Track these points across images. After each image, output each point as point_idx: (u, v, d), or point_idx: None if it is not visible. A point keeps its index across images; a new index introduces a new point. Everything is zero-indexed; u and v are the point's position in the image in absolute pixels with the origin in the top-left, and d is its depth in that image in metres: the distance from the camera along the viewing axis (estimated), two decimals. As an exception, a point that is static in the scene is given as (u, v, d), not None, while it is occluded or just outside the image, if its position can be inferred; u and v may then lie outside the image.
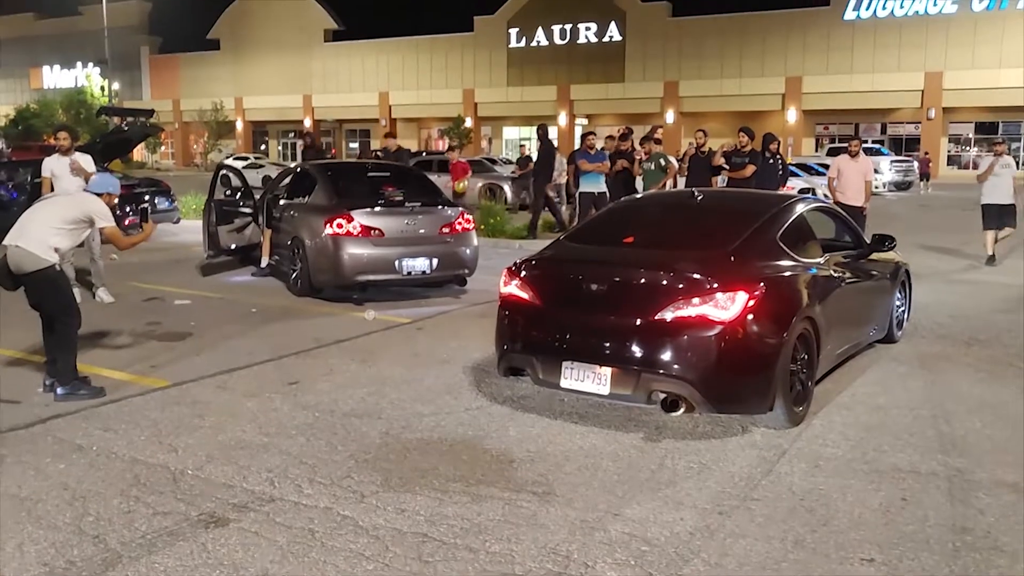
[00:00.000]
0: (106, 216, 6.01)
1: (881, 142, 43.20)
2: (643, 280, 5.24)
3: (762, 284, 5.16)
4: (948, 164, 44.38)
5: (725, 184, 12.50)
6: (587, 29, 50.15)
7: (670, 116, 47.16)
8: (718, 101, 46.76)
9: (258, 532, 3.94)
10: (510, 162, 37.16)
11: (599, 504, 4.28)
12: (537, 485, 4.52)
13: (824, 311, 5.75)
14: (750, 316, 5.03)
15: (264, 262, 10.75)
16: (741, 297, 5.00)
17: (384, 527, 4.00)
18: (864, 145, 34.36)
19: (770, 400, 5.18)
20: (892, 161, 34.30)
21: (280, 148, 61.92)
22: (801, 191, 17.23)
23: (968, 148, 44.41)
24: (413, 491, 4.42)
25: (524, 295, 5.59)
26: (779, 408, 5.25)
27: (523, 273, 5.66)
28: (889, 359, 7.15)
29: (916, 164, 35.54)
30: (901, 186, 33.45)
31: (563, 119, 50.45)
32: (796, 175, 22.97)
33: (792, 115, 45.71)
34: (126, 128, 14.28)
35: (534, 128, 33.76)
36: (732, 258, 5.35)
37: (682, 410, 5.08)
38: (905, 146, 44.16)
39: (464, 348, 7.35)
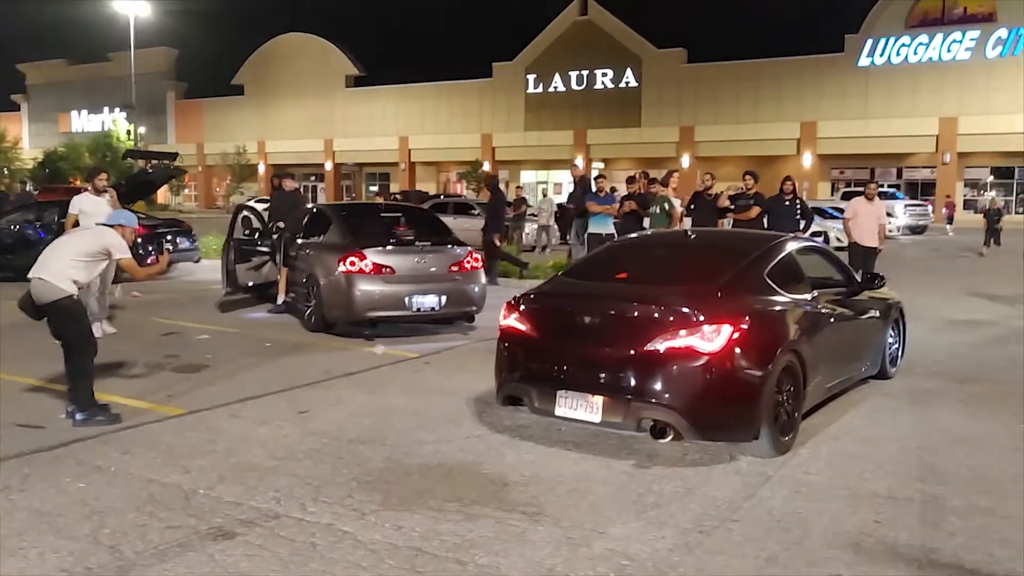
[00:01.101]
0: (122, 248, 6.39)
1: (897, 186, 43.37)
2: (633, 313, 5.51)
3: (747, 317, 5.41)
4: (964, 208, 44.48)
5: (731, 226, 12.74)
6: (604, 75, 50.96)
7: (686, 160, 47.62)
8: (734, 146, 47.21)
9: (263, 545, 4.20)
10: (529, 204, 37.67)
11: (586, 523, 4.52)
12: (528, 506, 4.76)
13: (811, 345, 5.99)
14: (735, 348, 5.28)
15: (280, 299, 11.10)
16: (726, 329, 5.26)
17: (381, 542, 4.25)
18: (879, 189, 34.69)
19: (755, 429, 5.41)
20: (906, 205, 34.48)
21: (302, 191, 62.85)
22: (813, 234, 17.43)
23: (984, 192, 44.48)
24: (410, 510, 4.67)
25: (522, 327, 5.88)
26: (765, 437, 5.47)
27: (521, 307, 5.95)
28: (881, 394, 7.35)
29: (930, 209, 35.80)
30: (915, 230, 33.61)
31: (580, 163, 50.99)
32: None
33: (807, 159, 46.06)
34: (150, 171, 14.82)
35: (550, 172, 34.07)
36: (719, 293, 5.61)
37: (670, 437, 5.32)
38: (921, 190, 44.37)
39: (469, 381, 7.61)
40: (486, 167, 52.03)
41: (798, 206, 12.23)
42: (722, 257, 6.22)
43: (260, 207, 23.83)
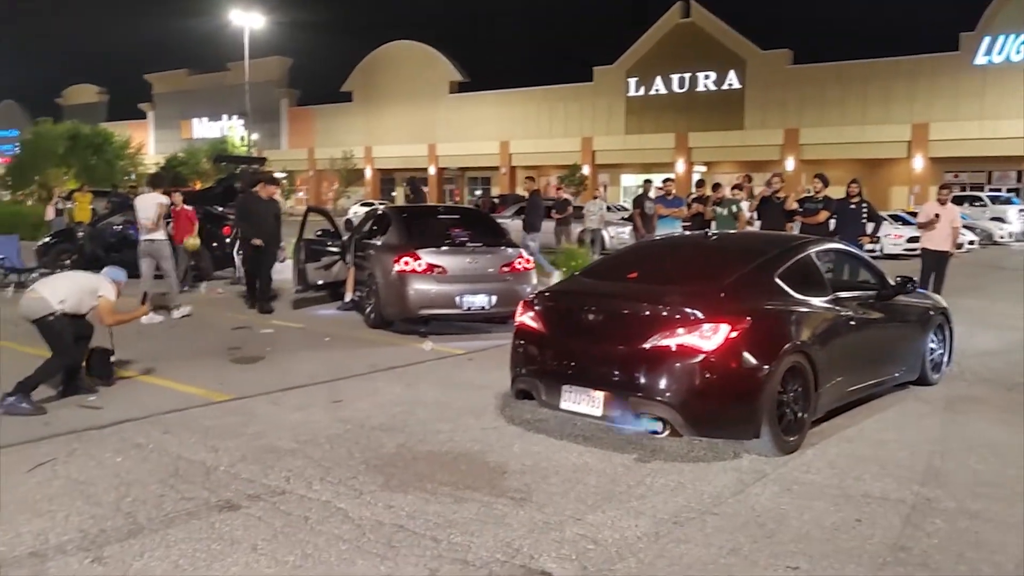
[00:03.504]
0: (109, 292, 7.17)
1: (1016, 190, 41.33)
2: (636, 312, 5.67)
3: (748, 317, 5.50)
4: (1091, 213, 41.94)
5: (799, 230, 12.59)
6: (706, 78, 50.30)
7: (790, 163, 46.53)
8: (840, 148, 45.83)
9: (261, 517, 4.58)
10: (624, 208, 37.55)
11: (566, 510, 4.72)
12: (517, 492, 4.99)
13: (825, 347, 6.00)
14: (733, 347, 5.38)
15: (348, 297, 11.63)
16: (724, 328, 5.36)
17: (369, 519, 4.56)
18: (995, 193, 33.08)
19: (755, 428, 5.49)
20: (1020, 210, 32.86)
21: (406, 195, 64.34)
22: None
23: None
24: (405, 491, 4.97)
25: (534, 324, 6.12)
26: (766, 436, 5.54)
27: (535, 304, 6.19)
28: (915, 399, 7.24)
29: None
30: (1029, 235, 32.01)
31: (680, 166, 50.56)
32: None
33: (919, 162, 44.32)
34: (239, 174, 15.67)
35: (649, 176, 34.03)
36: (722, 293, 5.71)
37: (666, 433, 5.46)
38: (1043, 194, 42.07)
39: (504, 378, 7.76)
40: (585, 171, 52.12)
41: (864, 209, 12.01)
42: (735, 258, 6.29)
43: (363, 211, 24.53)
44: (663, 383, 5.41)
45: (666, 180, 14.53)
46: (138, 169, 56.87)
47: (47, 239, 17.34)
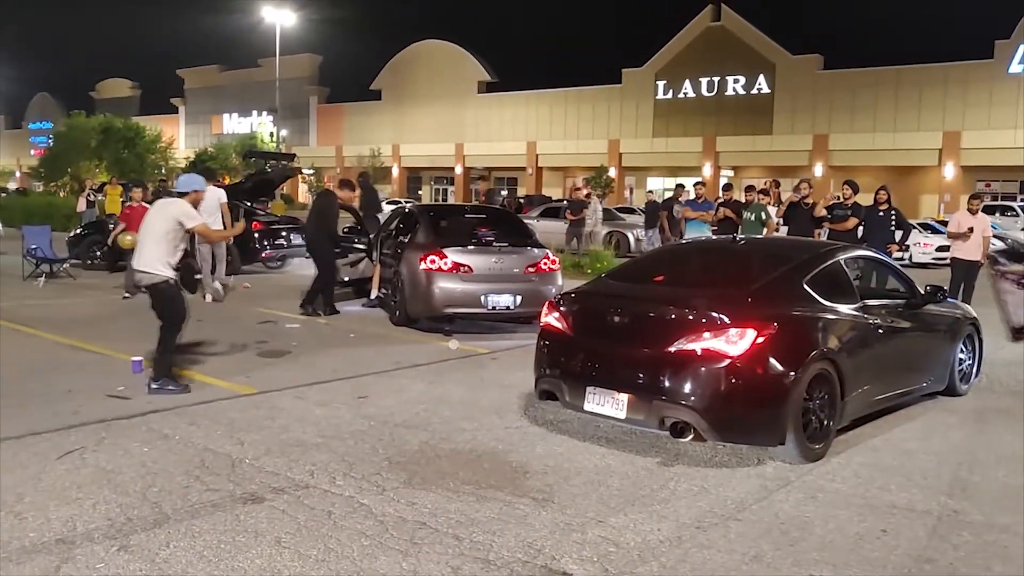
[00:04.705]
0: (190, 217, 7.01)
1: (1051, 201, 40.75)
2: (662, 315, 5.65)
3: (775, 323, 5.46)
4: None
5: (827, 237, 12.50)
6: (735, 82, 50.03)
7: (818, 169, 46.17)
8: (870, 155, 45.45)
9: (285, 510, 4.61)
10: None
11: (588, 512, 4.72)
12: (540, 493, 4.99)
13: (852, 355, 5.95)
14: (760, 352, 5.35)
15: (373, 294, 11.69)
16: (750, 334, 5.34)
17: (391, 515, 4.58)
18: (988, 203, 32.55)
19: (780, 434, 5.45)
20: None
21: (432, 194, 64.51)
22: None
23: None
24: (428, 489, 4.99)
25: (559, 325, 6.12)
26: (791, 443, 5.50)
27: (560, 305, 6.19)
28: (944, 410, 7.17)
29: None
30: (1063, 247, 31.51)
31: (708, 170, 50.32)
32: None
33: (949, 171, 43.84)
34: (269, 170, 15.79)
35: (679, 180, 33.92)
36: (749, 298, 5.68)
37: (690, 437, 5.44)
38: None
39: (528, 378, 7.77)
40: (612, 173, 52.00)
41: (893, 217, 11.90)
42: (762, 264, 6.26)
43: (389, 209, 24.68)
44: (688, 387, 5.38)
45: (697, 183, 14.51)
46: (168, 164, 57.45)
47: (78, 230, 17.58)
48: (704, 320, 5.44)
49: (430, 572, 3.92)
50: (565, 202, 20.46)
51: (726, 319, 5.38)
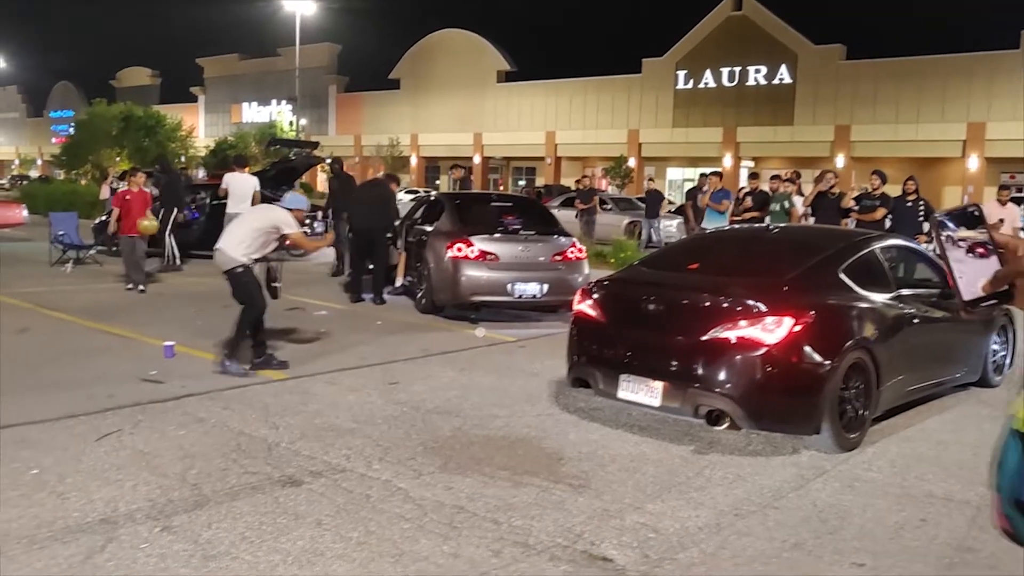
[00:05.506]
0: (291, 224, 7.29)
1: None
2: (698, 303, 5.64)
3: (811, 312, 5.44)
4: None
5: (854, 227, 12.41)
6: (756, 72, 49.68)
7: (840, 161, 45.81)
8: (892, 146, 45.02)
9: (323, 493, 4.64)
10: (671, 202, 37.25)
11: (625, 499, 4.72)
12: (575, 479, 5.00)
13: (887, 344, 5.91)
14: (796, 341, 5.33)
15: (399, 282, 11.70)
16: (787, 322, 5.31)
17: (429, 499, 4.60)
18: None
19: (816, 423, 5.43)
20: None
21: (450, 184, 64.54)
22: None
23: None
24: (464, 474, 5.00)
25: (592, 313, 6.11)
26: (827, 432, 5.48)
27: (593, 293, 6.18)
28: (977, 401, 7.12)
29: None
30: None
31: (728, 161, 50.06)
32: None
33: (973, 162, 43.41)
34: (293, 158, 15.83)
35: (698, 170, 33.77)
36: (786, 287, 5.65)
37: (725, 425, 5.43)
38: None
39: (556, 366, 7.83)
40: (631, 163, 51.83)
41: (921, 207, 11.81)
42: (798, 252, 6.22)
43: (407, 198, 24.72)
44: (724, 375, 5.37)
45: (706, 175, 14.71)
46: (188, 152, 57.72)
47: (103, 217, 17.67)
48: (740, 308, 5.42)
49: (471, 555, 3.93)
50: (575, 191, 20.36)
51: (763, 307, 5.36)
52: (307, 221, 14.63)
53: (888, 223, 11.94)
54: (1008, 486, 1.41)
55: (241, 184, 13.46)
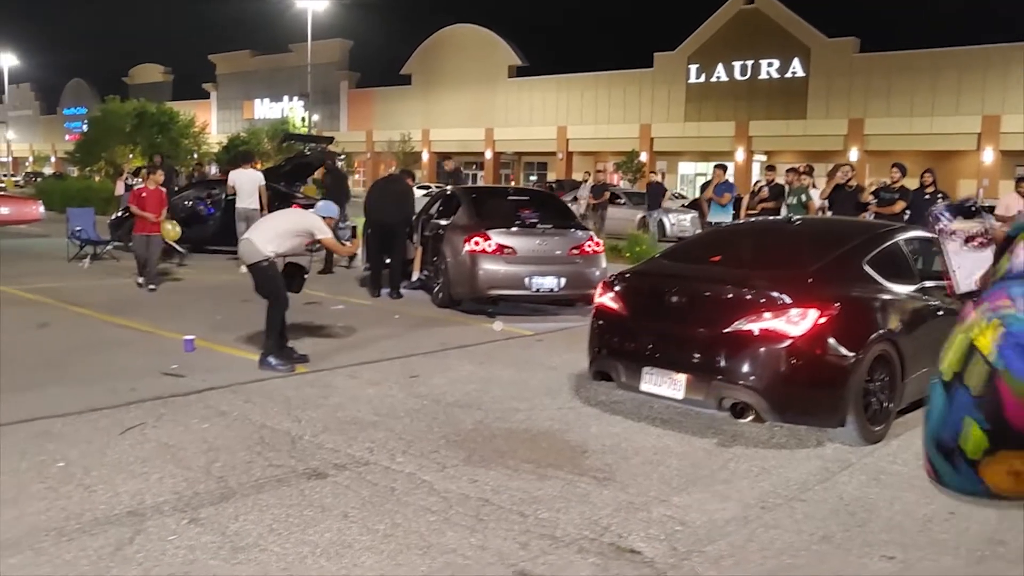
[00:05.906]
0: (323, 231, 7.41)
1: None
2: (721, 295, 5.61)
3: (836, 304, 5.40)
4: None
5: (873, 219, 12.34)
6: (769, 65, 49.47)
7: (854, 154, 45.57)
8: (907, 140, 44.77)
9: (348, 486, 4.64)
10: (682, 196, 37.14)
11: (651, 491, 4.70)
12: (600, 472, 4.98)
13: (912, 336, 5.87)
14: (821, 333, 5.29)
15: (415, 276, 11.69)
16: (812, 314, 5.28)
17: (454, 492, 4.59)
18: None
19: (841, 416, 5.39)
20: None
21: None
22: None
23: None
24: (488, 467, 4.99)
25: (614, 306, 6.09)
26: (852, 424, 5.44)
27: (615, 286, 6.15)
28: (1000, 394, 7.05)
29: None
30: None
31: (740, 155, 49.91)
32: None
33: (988, 155, 43.14)
34: (308, 153, 15.84)
35: (711, 164, 33.89)
36: (810, 279, 5.61)
37: (750, 418, 5.40)
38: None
39: (575, 359, 7.82)
40: (643, 157, 51.70)
41: (939, 200, 11.72)
42: (821, 244, 6.19)
43: (419, 193, 24.73)
44: (748, 367, 5.34)
45: (718, 166, 14.70)
46: (201, 148, 57.81)
47: (118, 214, 17.73)
48: (764, 300, 5.39)
49: (499, 548, 3.92)
50: (588, 186, 20.42)
51: (787, 299, 5.33)
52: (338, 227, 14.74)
53: (907, 216, 11.86)
54: (931, 429, 1.47)
55: (247, 180, 13.69)
